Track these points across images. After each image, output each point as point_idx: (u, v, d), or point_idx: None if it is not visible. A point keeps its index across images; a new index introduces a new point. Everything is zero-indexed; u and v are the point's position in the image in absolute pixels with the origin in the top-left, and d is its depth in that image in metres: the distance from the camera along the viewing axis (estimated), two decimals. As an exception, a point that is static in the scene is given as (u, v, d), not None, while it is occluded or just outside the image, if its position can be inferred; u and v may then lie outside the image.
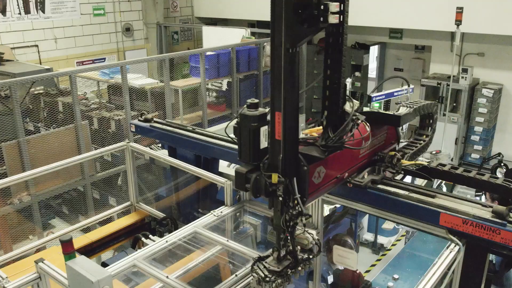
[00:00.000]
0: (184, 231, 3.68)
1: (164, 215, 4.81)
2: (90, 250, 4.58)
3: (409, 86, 7.81)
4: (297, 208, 2.44)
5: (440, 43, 11.78)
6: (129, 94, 7.18)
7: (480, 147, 11.18)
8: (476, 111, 11.04)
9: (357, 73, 12.72)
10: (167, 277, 3.17)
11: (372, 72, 14.38)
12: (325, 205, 3.77)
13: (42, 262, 2.75)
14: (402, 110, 3.43)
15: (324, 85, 2.66)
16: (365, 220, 7.80)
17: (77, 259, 2.48)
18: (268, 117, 2.48)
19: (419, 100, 3.74)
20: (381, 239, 8.16)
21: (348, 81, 8.55)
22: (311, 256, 2.71)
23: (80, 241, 4.55)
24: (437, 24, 10.80)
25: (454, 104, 11.30)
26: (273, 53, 2.26)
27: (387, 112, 3.44)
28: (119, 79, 7.71)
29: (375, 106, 7.99)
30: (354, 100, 2.72)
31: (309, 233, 2.69)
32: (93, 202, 7.15)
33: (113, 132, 7.16)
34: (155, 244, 3.50)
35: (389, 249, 8.17)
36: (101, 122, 7.33)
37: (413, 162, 3.43)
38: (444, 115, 11.03)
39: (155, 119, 4.71)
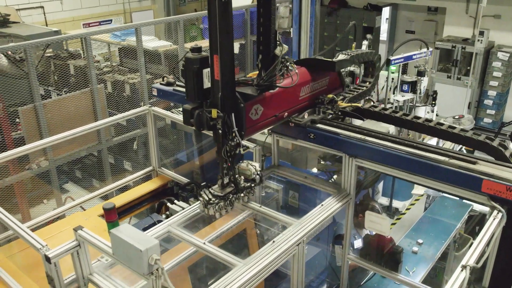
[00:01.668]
0: (216, 196, 3.62)
1: (188, 180, 4.77)
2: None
3: (428, 49, 7.62)
4: (235, 140, 2.89)
5: (455, 4, 11.47)
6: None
7: (493, 112, 11.07)
8: (491, 74, 10.86)
9: (368, 36, 12.44)
10: (204, 243, 3.13)
11: (383, 34, 14.09)
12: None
13: (81, 229, 2.70)
14: (340, 57, 3.79)
15: (258, 31, 3.03)
16: (380, 185, 7.77)
17: (121, 227, 2.42)
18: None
19: (360, 49, 4.18)
20: (396, 203, 8.16)
21: (365, 43, 8.34)
22: (253, 185, 3.18)
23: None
24: (453, -16, 10.51)
25: (468, 68, 11.11)
26: (209, 2, 2.60)
27: (324, 59, 3.70)
28: (130, 42, 7.53)
29: (392, 69, 7.83)
30: (284, 45, 3.03)
31: (252, 165, 3.16)
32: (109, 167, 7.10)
33: (127, 96, 7.03)
34: (188, 210, 3.45)
35: (404, 213, 8.18)
36: (115, 85, 7.19)
37: (348, 104, 3.76)
38: (458, 78, 10.87)
39: (177, 82, 4.59)
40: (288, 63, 3.09)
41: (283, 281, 4.77)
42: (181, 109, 4.96)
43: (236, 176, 3.12)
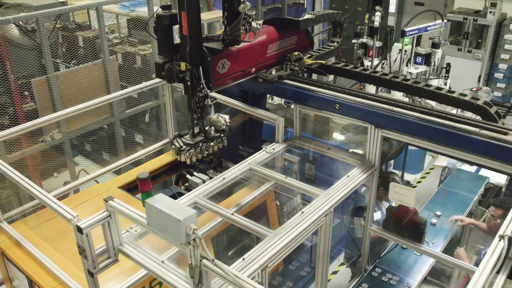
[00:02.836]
0: (240, 167, 3.60)
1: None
2: (132, 188, 4.52)
3: (442, 20, 7.49)
4: (203, 92, 3.10)
5: (467, -25, 11.24)
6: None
7: (503, 85, 10.96)
8: (502, 47, 10.72)
9: (377, 7, 12.22)
10: (232, 214, 3.11)
11: (391, 6, 13.84)
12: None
13: (112, 200, 2.67)
14: (306, 17, 3.97)
15: None
16: (391, 158, 7.75)
17: (156, 197, 2.39)
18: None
19: (326, 10, 4.44)
20: (407, 176, 8.17)
21: (378, 14, 8.17)
22: (222, 135, 3.46)
23: (124, 178, 4.47)
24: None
25: (479, 41, 10.96)
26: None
27: (290, 18, 3.96)
28: (140, 12, 7.38)
29: (406, 41, 7.70)
30: (247, 2, 3.20)
31: (221, 117, 3.44)
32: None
33: (139, 67, 6.93)
34: (213, 181, 3.42)
35: (415, 186, 8.20)
36: (125, 57, 7.08)
37: (313, 61, 3.99)
38: (469, 51, 10.73)
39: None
40: (250, 20, 3.28)
41: (302, 251, 4.80)
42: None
43: (207, 127, 3.40)
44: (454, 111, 4.93)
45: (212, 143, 3.42)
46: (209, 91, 3.14)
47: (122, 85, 6.79)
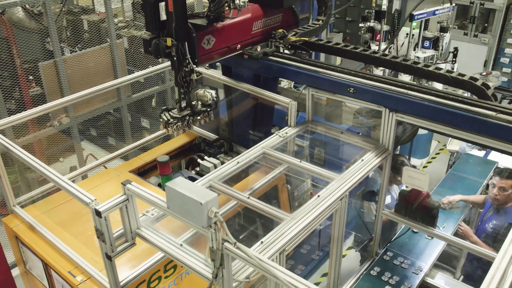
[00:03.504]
0: (254, 151, 3.58)
1: (216, 136, 4.71)
2: (143, 172, 4.52)
3: (451, 4, 7.41)
4: (189, 67, 3.23)
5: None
6: (159, 12, 6.80)
7: (509, 70, 10.89)
8: (509, 32, 10.61)
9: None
10: (248, 197, 3.11)
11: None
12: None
13: (130, 183, 2.66)
14: None
15: None
16: (398, 143, 7.74)
17: (176, 181, 2.37)
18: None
19: None
20: (413, 161, 8.17)
21: (385, -2, 8.08)
22: (209, 110, 3.61)
23: (134, 162, 4.47)
24: None
25: (486, 25, 10.86)
26: None
27: None
28: (145, -4, 7.27)
29: (413, 25, 7.64)
30: None
31: (208, 92, 3.63)
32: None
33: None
34: (228, 165, 3.41)
35: (421, 171, 8.19)
36: (131, 41, 7.02)
37: (297, 38, 4.12)
38: (475, 36, 10.65)
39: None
40: None
41: (312, 235, 4.82)
42: (207, 65, 4.88)
43: (194, 102, 3.55)
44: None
45: (198, 117, 3.57)
46: (194, 66, 3.28)
47: (129, 69, 6.75)
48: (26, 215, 3.66)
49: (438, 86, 5.85)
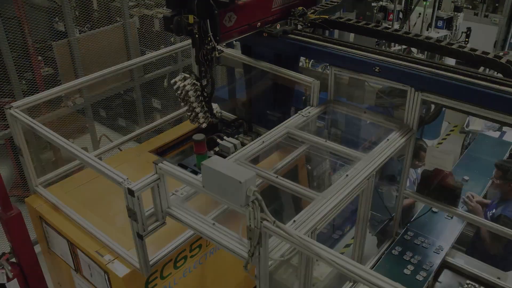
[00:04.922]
0: (278, 131, 3.56)
1: (235, 116, 4.68)
2: (161, 152, 4.50)
3: (465, -18, 7.32)
4: (211, 44, 3.23)
5: None
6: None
7: (519, 50, 10.82)
8: (519, 11, 10.52)
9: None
10: (277, 177, 3.10)
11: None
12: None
13: (162, 162, 2.65)
14: None
15: None
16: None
17: (212, 159, 2.36)
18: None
19: None
20: (424, 143, 8.14)
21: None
22: (211, 118, 3.76)
23: (153, 142, 4.45)
24: None
25: (496, 5, 10.74)
26: None
27: None
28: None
29: (426, 3, 7.55)
30: None
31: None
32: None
33: (157, 31, 6.80)
34: (253, 144, 3.39)
35: (432, 152, 8.18)
36: (142, 20, 6.94)
37: (317, 16, 4.06)
38: (485, 16, 10.54)
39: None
40: None
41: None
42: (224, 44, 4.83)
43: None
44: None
45: (202, 116, 3.66)
46: (216, 43, 3.26)
47: (141, 49, 6.69)
48: (50, 195, 3.66)
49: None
